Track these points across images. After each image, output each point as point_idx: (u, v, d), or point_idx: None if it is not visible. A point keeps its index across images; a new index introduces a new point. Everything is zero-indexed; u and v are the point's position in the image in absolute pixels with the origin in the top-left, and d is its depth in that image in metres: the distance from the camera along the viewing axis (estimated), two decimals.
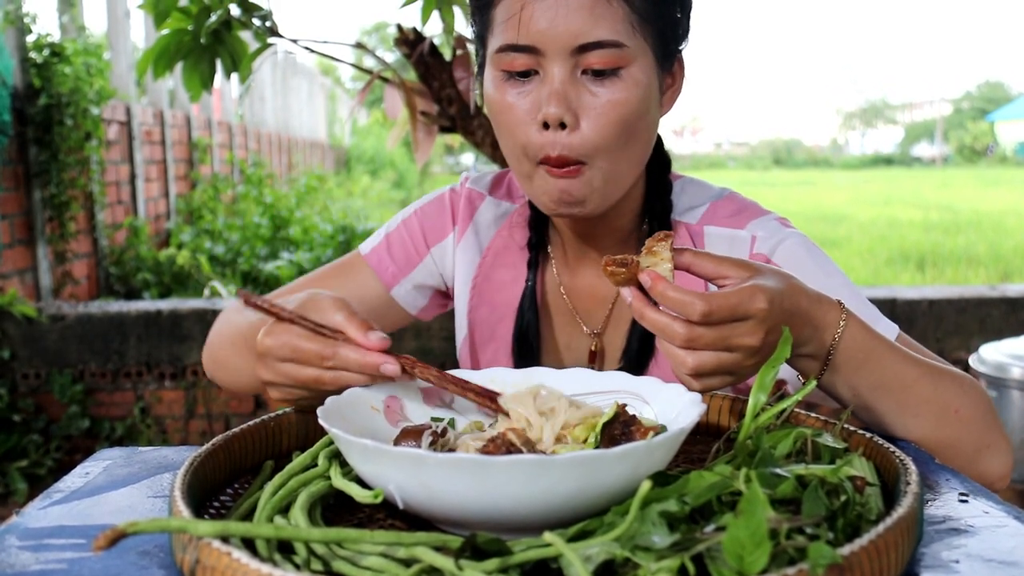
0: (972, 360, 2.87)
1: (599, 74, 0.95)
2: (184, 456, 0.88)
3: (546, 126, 0.95)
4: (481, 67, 1.06)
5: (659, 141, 1.13)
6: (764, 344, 0.77)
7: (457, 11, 1.94)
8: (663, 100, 1.04)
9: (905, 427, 0.88)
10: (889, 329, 0.99)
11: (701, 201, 1.12)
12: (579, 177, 0.97)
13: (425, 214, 1.21)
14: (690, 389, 0.80)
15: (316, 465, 0.76)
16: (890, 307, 3.51)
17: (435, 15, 1.94)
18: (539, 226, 1.15)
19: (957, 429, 0.88)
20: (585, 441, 0.75)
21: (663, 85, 1.03)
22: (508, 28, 0.96)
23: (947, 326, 3.55)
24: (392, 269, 1.19)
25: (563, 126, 0.94)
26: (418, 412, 0.86)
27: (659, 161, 1.12)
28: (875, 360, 0.85)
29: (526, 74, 0.97)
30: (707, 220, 1.10)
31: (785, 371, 0.97)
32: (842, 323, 0.83)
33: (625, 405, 0.76)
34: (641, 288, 0.79)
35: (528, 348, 1.14)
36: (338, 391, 0.81)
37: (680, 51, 1.05)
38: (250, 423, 0.83)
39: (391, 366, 0.79)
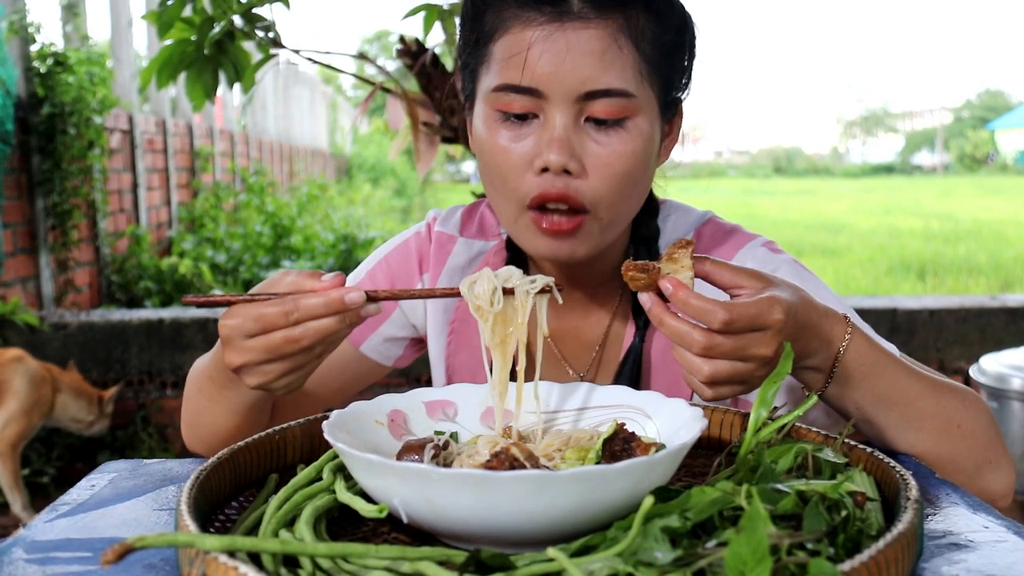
0: (972, 370, 2.87)
1: (603, 123, 0.91)
2: (189, 469, 0.88)
3: (544, 171, 0.91)
4: (468, 98, 1.00)
5: None
6: (776, 355, 0.78)
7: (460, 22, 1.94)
8: (661, 151, 1.00)
9: (907, 441, 0.88)
10: (888, 348, 0.99)
11: (685, 229, 1.10)
12: (573, 236, 0.93)
13: (390, 266, 1.17)
14: (702, 396, 0.80)
15: (321, 479, 0.77)
16: (891, 317, 3.51)
17: (437, 25, 1.95)
18: (518, 267, 1.13)
19: (959, 444, 0.88)
20: (584, 459, 0.75)
21: (662, 135, 0.99)
22: (509, 67, 0.91)
23: (947, 336, 3.55)
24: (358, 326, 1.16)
25: (567, 172, 0.90)
26: (422, 425, 0.86)
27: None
28: (879, 373, 0.86)
29: (523, 116, 0.92)
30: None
31: (789, 385, 0.97)
32: (847, 336, 0.84)
33: (624, 424, 0.76)
34: (659, 294, 0.80)
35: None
36: (316, 356, 0.81)
37: (681, 101, 1.01)
38: (255, 436, 0.83)
39: (353, 294, 0.78)
